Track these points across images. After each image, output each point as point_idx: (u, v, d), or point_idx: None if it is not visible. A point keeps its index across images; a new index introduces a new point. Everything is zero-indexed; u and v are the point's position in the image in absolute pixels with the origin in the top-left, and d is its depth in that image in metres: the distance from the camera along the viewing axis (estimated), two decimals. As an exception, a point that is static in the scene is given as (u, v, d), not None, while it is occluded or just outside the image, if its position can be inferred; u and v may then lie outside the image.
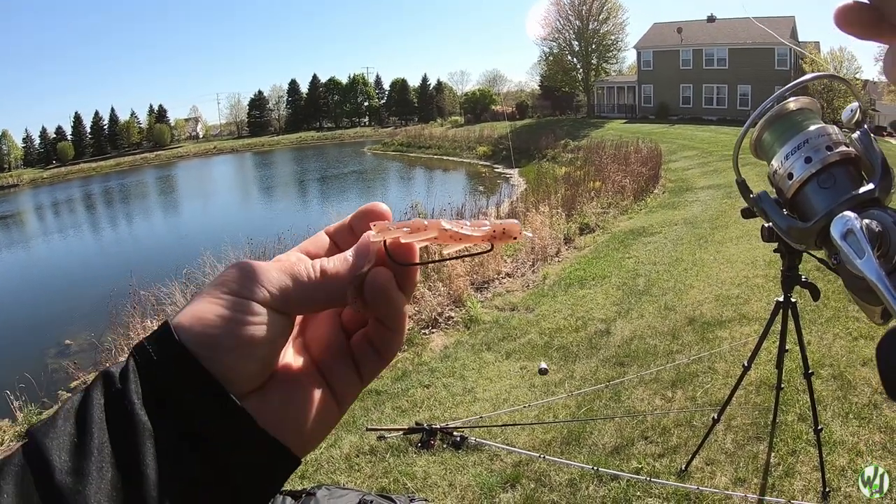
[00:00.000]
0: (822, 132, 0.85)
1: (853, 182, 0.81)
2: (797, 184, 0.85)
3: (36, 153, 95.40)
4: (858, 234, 0.67)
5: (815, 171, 0.83)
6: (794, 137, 0.87)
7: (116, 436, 0.46)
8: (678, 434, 4.84)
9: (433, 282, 9.37)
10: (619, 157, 22.90)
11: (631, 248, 11.62)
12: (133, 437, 0.46)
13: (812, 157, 0.83)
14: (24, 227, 44.21)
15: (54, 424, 0.46)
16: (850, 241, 0.67)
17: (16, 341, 15.65)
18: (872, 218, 0.72)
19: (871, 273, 0.65)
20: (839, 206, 0.78)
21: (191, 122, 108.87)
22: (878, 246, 0.70)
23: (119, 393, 0.48)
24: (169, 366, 0.50)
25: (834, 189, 0.81)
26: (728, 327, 6.86)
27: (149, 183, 64.00)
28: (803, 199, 0.85)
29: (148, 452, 0.46)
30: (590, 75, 61.91)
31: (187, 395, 0.49)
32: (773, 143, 0.91)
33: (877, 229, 0.71)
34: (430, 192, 19.94)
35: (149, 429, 0.47)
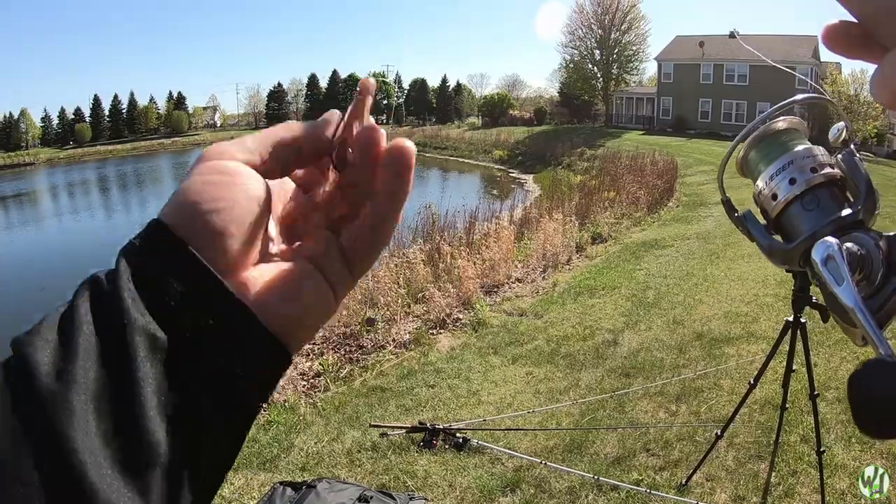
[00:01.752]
0: (807, 153, 0.86)
1: (837, 204, 0.82)
2: (781, 204, 0.86)
3: (54, 133, 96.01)
4: (839, 259, 0.68)
5: (799, 193, 0.84)
6: (779, 158, 0.88)
7: (105, 336, 0.43)
8: (680, 448, 4.85)
9: (443, 282, 9.39)
10: (635, 169, 22.90)
11: (642, 260, 11.61)
12: (123, 335, 0.43)
13: (797, 178, 0.84)
14: (37, 206, 44.47)
15: (38, 331, 0.44)
16: (831, 267, 0.68)
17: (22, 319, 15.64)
18: (855, 241, 0.74)
19: (848, 300, 0.66)
20: (822, 229, 0.79)
21: (209, 111, 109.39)
22: (859, 269, 0.72)
23: (108, 293, 0.45)
24: (148, 249, 0.48)
25: (818, 211, 0.82)
26: (736, 344, 6.85)
27: (164, 168, 64.27)
28: (787, 220, 0.86)
29: (139, 351, 0.43)
30: (609, 84, 61.80)
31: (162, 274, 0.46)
32: (758, 162, 0.92)
33: (858, 253, 0.72)
34: (445, 194, 19.86)
35: (140, 325, 0.44)
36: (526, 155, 44.68)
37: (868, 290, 0.71)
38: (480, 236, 12.08)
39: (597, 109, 68.88)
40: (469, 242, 11.88)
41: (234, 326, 0.47)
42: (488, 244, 10.97)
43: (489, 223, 13.13)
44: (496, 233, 11.45)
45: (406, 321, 8.65)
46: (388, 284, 9.02)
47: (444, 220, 13.57)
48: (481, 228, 13.00)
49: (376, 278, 9.13)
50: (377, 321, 7.70)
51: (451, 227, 13.34)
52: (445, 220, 13.57)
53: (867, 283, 0.72)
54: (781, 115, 0.95)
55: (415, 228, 12.94)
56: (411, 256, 10.25)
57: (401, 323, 8.51)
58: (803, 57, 47.22)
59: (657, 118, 58.70)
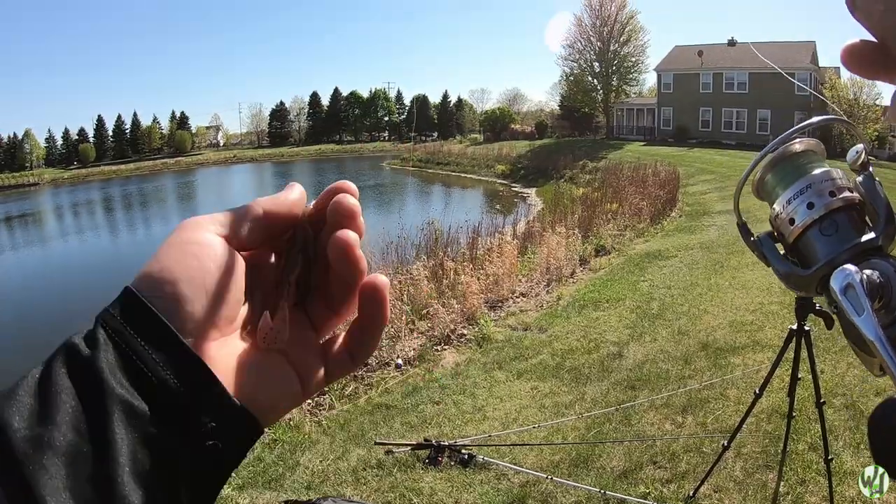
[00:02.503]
0: (825, 177, 0.84)
1: (856, 229, 0.80)
2: (799, 229, 0.84)
3: (58, 153, 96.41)
4: (858, 289, 0.66)
5: (817, 218, 0.82)
6: (797, 181, 0.86)
7: (83, 403, 0.44)
8: (687, 460, 4.82)
9: (447, 298, 9.38)
10: (637, 180, 22.88)
11: (646, 271, 11.59)
12: (102, 403, 0.45)
13: (815, 202, 0.82)
14: (42, 226, 44.64)
15: (14, 395, 0.44)
16: (850, 296, 0.67)
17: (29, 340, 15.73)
18: (874, 268, 0.72)
19: (869, 332, 0.64)
20: (840, 255, 0.78)
21: (212, 130, 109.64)
22: (879, 297, 0.70)
23: (86, 361, 0.46)
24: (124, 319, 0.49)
25: (836, 237, 0.80)
26: (741, 354, 6.82)
27: (168, 188, 64.50)
28: (805, 246, 0.84)
29: (116, 419, 0.44)
30: (610, 96, 61.86)
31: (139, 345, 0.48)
32: (775, 185, 0.90)
33: (878, 280, 0.70)
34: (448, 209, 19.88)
35: (118, 394, 0.45)
36: (528, 169, 44.75)
37: (887, 319, 0.69)
38: (484, 251, 12.07)
39: (598, 121, 68.96)
40: (472, 258, 11.88)
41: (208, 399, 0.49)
42: (492, 259, 10.97)
43: (492, 238, 13.11)
44: (499, 247, 11.44)
45: (410, 338, 8.63)
46: (391, 301, 8.98)
47: (448, 235, 13.59)
48: (484, 243, 12.98)
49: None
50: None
51: (454, 242, 13.37)
52: (449, 235, 13.60)
53: (886, 312, 0.70)
54: (798, 137, 0.93)
55: (418, 245, 12.96)
56: (415, 273, 10.23)
57: (405, 339, 8.49)
58: (802, 62, 47.28)
59: (658, 129, 58.74)
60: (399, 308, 8.95)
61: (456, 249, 12.93)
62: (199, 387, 0.49)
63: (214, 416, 0.49)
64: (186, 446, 0.48)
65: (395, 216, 22.46)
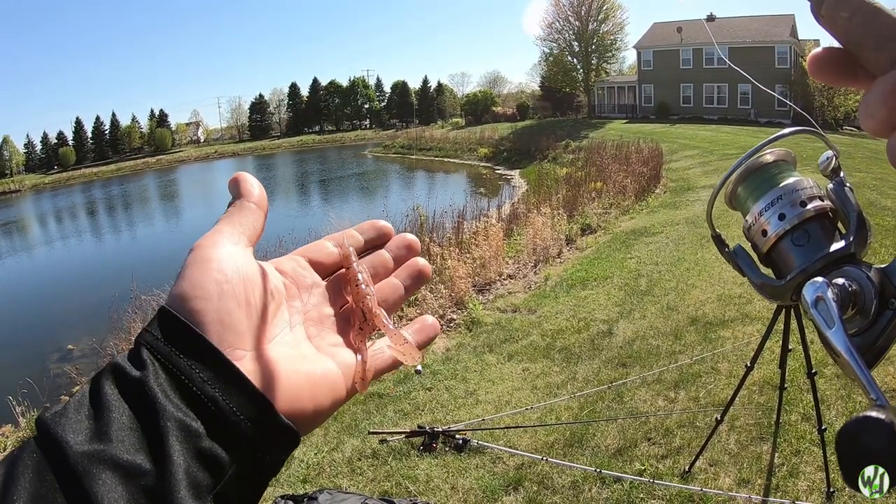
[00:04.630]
0: (795, 187, 0.85)
1: (828, 237, 0.81)
2: (772, 240, 0.84)
3: (37, 158, 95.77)
4: (829, 302, 0.67)
5: (789, 228, 0.82)
6: (767, 192, 0.86)
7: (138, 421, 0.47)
8: (681, 435, 4.83)
9: (435, 283, 9.36)
10: (621, 158, 22.90)
11: (633, 248, 11.61)
12: (156, 421, 0.47)
13: (786, 213, 0.83)
14: (26, 234, 44.41)
15: (66, 413, 0.47)
16: (821, 309, 0.67)
17: (18, 346, 15.71)
18: (846, 276, 0.73)
19: (839, 345, 0.65)
20: (813, 265, 0.78)
21: (192, 127, 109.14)
22: (852, 305, 0.71)
23: (136, 382, 0.49)
24: (161, 335, 0.52)
25: (808, 246, 0.81)
26: (731, 327, 6.83)
27: (150, 187, 64.21)
28: (778, 256, 0.85)
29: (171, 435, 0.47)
30: (590, 75, 61.84)
31: (186, 365, 0.51)
32: (746, 197, 0.91)
33: (850, 288, 0.72)
34: (432, 195, 19.92)
35: (171, 413, 0.48)
36: (511, 151, 44.70)
37: (862, 324, 0.71)
38: (470, 235, 12.06)
39: (579, 101, 69.03)
40: (459, 242, 11.87)
41: (251, 413, 0.52)
42: (478, 242, 10.97)
43: (478, 221, 13.11)
44: (485, 231, 11.45)
45: (399, 325, 8.60)
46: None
47: (433, 221, 13.58)
48: (470, 227, 12.97)
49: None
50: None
51: (439, 227, 13.35)
52: (434, 220, 13.58)
53: (861, 317, 0.71)
54: (769, 148, 0.93)
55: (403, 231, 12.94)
56: (401, 259, 10.21)
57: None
58: (781, 36, 47.45)
59: (640, 106, 58.81)
60: (386, 295, 8.94)
61: (442, 234, 12.92)
62: (245, 402, 0.52)
63: (260, 431, 0.52)
64: (234, 461, 0.51)
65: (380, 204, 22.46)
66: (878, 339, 0.70)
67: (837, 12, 0.50)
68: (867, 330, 0.70)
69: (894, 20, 0.48)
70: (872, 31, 0.48)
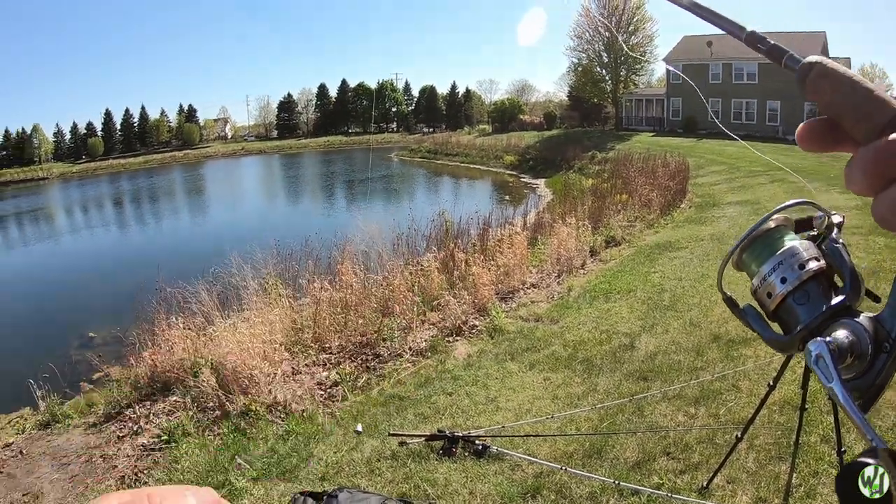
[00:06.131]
0: (793, 252, 0.94)
1: (825, 294, 0.91)
2: (777, 300, 0.94)
3: (66, 148, 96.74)
4: (827, 359, 0.76)
5: (791, 290, 0.91)
6: (770, 258, 0.95)
7: None
8: (700, 451, 4.84)
9: (458, 290, 9.41)
10: (647, 171, 22.80)
11: (657, 262, 11.59)
12: None
13: (787, 277, 0.92)
14: (52, 221, 44.85)
15: None
16: (821, 366, 0.76)
17: (41, 332, 15.95)
18: (844, 328, 0.81)
19: (839, 397, 0.73)
20: (815, 320, 0.88)
21: (220, 123, 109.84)
22: (850, 353, 0.79)
23: None
24: None
25: (809, 304, 0.91)
26: (753, 346, 6.81)
27: (177, 181, 64.67)
28: (784, 313, 0.94)
29: None
30: (618, 87, 61.62)
31: None
32: (751, 263, 1.01)
33: (847, 340, 0.79)
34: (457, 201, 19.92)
35: None
36: (537, 160, 44.67)
37: (860, 368, 0.79)
38: (494, 242, 12.08)
39: (606, 112, 68.72)
40: (483, 249, 11.90)
41: None
42: (502, 250, 11.00)
43: (502, 229, 13.12)
44: (510, 239, 11.46)
45: (422, 329, 8.68)
46: (402, 293, 9.05)
47: (458, 227, 13.60)
48: (495, 234, 12.99)
49: (391, 287, 9.16)
50: None
51: (464, 233, 13.36)
52: (459, 227, 13.60)
53: (859, 362, 0.79)
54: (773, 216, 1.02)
55: (428, 236, 12.96)
56: (425, 264, 10.27)
57: (417, 331, 8.54)
58: (812, 52, 46.92)
59: (667, 119, 58.44)
60: (410, 300, 8.99)
61: (466, 241, 12.93)
62: None
63: None
64: None
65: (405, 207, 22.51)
66: (876, 379, 0.78)
67: (820, 84, 0.58)
68: (865, 373, 0.78)
69: (871, 93, 0.56)
70: (852, 102, 0.55)
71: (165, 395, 7.40)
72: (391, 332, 8.33)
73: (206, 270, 9.33)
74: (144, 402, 7.34)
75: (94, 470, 5.99)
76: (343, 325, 8.61)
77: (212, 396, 6.80)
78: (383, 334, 8.30)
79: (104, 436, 6.75)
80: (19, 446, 6.73)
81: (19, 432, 7.19)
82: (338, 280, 9.35)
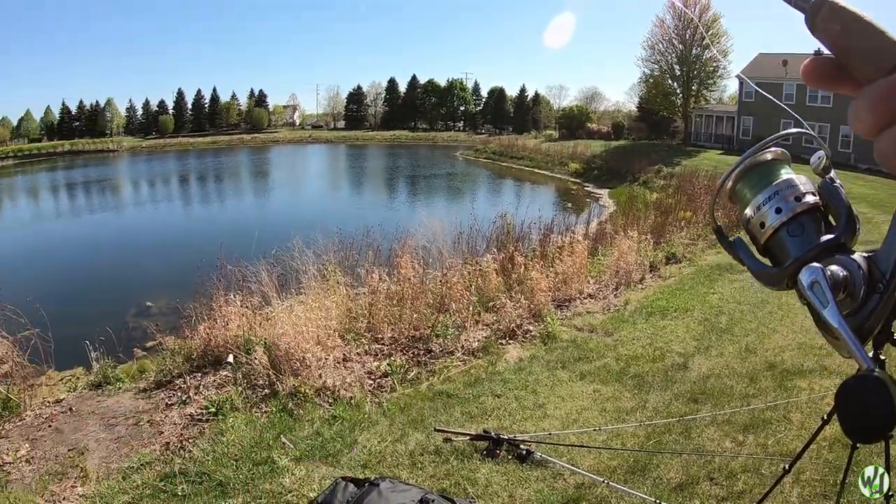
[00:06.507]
0: (790, 183, 0.94)
1: (820, 229, 0.90)
2: (769, 231, 0.93)
3: (137, 123, 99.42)
4: (823, 284, 0.76)
5: (785, 221, 0.91)
6: (765, 188, 0.95)
7: None
8: (745, 480, 4.79)
9: (515, 293, 9.43)
10: (713, 189, 22.39)
11: (716, 283, 11.45)
12: None
13: (782, 207, 0.92)
14: (118, 192, 46.08)
15: None
16: (816, 291, 0.77)
17: (100, 297, 16.48)
18: (838, 263, 0.81)
19: (833, 320, 0.74)
20: (807, 254, 0.87)
21: (289, 109, 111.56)
22: (843, 289, 0.79)
23: None
24: None
25: (802, 237, 0.90)
26: (808, 377, 6.70)
27: (243, 163, 65.78)
28: (775, 246, 0.93)
29: None
30: (689, 101, 60.70)
31: None
32: (746, 192, 1.00)
33: (841, 274, 0.79)
34: (520, 204, 19.90)
35: None
36: (602, 169, 44.35)
37: (852, 307, 0.79)
38: (554, 249, 12.04)
39: (675, 126, 67.80)
40: (543, 254, 11.87)
41: None
42: (562, 258, 10.96)
43: (563, 236, 13.06)
44: (570, 247, 11.40)
45: (476, 329, 8.72)
46: (459, 291, 9.10)
47: (520, 230, 13.59)
48: (555, 241, 12.94)
49: (448, 284, 9.21)
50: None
51: (525, 237, 13.34)
52: (521, 230, 13.59)
53: (851, 300, 0.79)
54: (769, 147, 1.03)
55: (489, 237, 12.97)
56: (484, 265, 10.29)
57: (471, 330, 8.59)
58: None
59: (737, 138, 57.33)
60: (466, 298, 9.03)
61: (527, 245, 12.92)
62: None
63: None
64: None
65: (467, 206, 22.53)
66: (867, 320, 0.78)
67: (830, 24, 0.59)
68: (857, 312, 0.78)
69: (881, 33, 0.58)
70: (861, 42, 0.58)
71: (216, 369, 7.58)
72: (445, 329, 8.39)
73: (267, 252, 9.47)
74: (195, 374, 7.51)
75: (141, 434, 6.16)
76: (397, 318, 8.69)
77: (262, 374, 6.94)
78: (437, 330, 8.36)
79: (153, 402, 6.94)
80: (69, 403, 6.96)
81: (71, 390, 7.44)
82: (396, 273, 9.43)
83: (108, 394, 7.22)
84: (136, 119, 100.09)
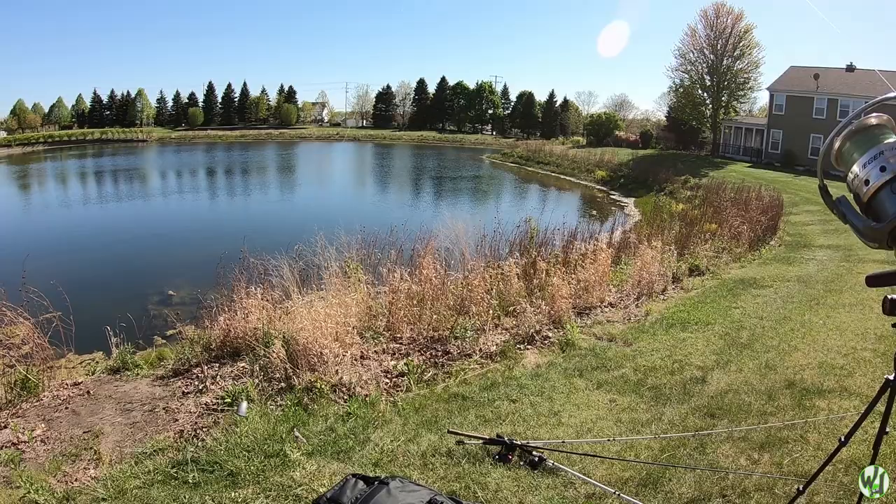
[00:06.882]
0: (894, 146, 0.95)
1: None
2: (873, 189, 0.95)
3: (167, 114, 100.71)
4: None
5: (888, 179, 0.93)
6: (871, 149, 0.97)
7: None
8: (758, 498, 4.74)
9: (535, 299, 9.42)
10: (739, 202, 22.32)
11: (739, 298, 11.36)
12: None
13: (886, 166, 0.94)
14: (146, 182, 46.61)
15: None
16: None
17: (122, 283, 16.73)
18: None
19: None
20: None
21: (318, 106, 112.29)
22: None
23: None
24: None
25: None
26: (828, 398, 6.61)
27: (270, 157, 66.21)
28: (878, 203, 0.95)
29: None
30: (718, 112, 60.39)
31: None
32: (852, 153, 1.02)
33: None
34: (544, 209, 19.87)
35: None
36: (628, 178, 44.28)
37: None
38: (577, 256, 12.00)
39: (704, 137, 67.52)
40: (565, 261, 11.83)
41: None
42: (584, 265, 10.93)
43: (587, 244, 13.02)
44: (593, 255, 11.36)
45: (495, 333, 8.73)
46: (480, 294, 9.11)
47: (543, 235, 13.56)
48: (579, 248, 12.90)
49: (470, 286, 9.22)
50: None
51: (548, 243, 13.31)
52: (544, 235, 13.56)
53: None
54: (873, 112, 1.05)
55: (512, 241, 12.95)
56: (506, 269, 10.30)
57: (489, 334, 8.59)
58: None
59: (765, 151, 56.93)
60: (487, 302, 9.03)
61: (549, 250, 12.89)
62: None
63: None
64: None
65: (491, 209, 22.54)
66: None
67: None
68: None
69: None
70: None
71: (234, 360, 7.65)
72: (464, 332, 8.40)
73: (290, 247, 9.52)
74: (213, 364, 7.60)
75: (156, 420, 6.24)
76: (417, 318, 8.72)
77: (279, 368, 6.98)
78: (456, 332, 8.37)
79: (170, 389, 7.02)
80: (87, 387, 7.05)
81: (89, 373, 7.55)
82: (417, 273, 9.44)
83: (126, 379, 7.32)
84: (165, 110, 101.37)
